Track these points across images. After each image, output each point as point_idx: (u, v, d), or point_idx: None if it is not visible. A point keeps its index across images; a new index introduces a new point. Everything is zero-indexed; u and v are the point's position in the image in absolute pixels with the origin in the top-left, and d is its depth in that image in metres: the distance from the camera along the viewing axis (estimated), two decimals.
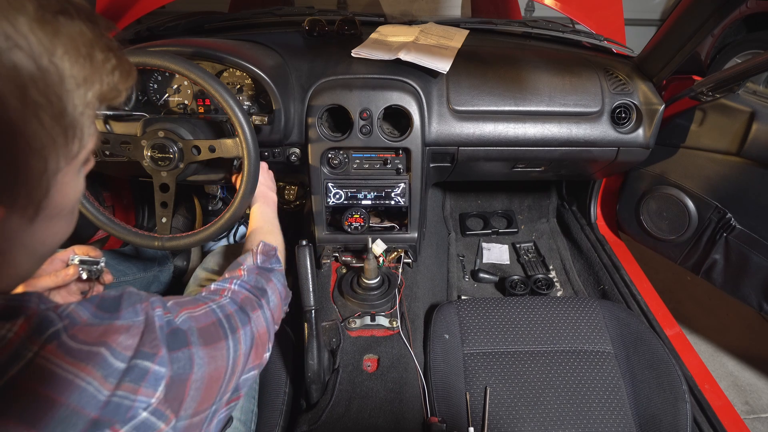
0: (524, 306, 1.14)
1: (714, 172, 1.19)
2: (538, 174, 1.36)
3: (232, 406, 0.57)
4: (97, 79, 0.36)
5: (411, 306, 1.20)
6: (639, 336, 1.08)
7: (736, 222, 1.16)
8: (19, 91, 0.31)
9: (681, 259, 1.33)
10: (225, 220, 0.92)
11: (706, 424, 1.00)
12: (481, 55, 1.21)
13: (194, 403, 0.47)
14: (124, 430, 0.38)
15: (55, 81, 0.33)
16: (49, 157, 0.34)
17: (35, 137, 0.33)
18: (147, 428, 0.40)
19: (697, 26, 1.00)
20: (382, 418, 0.95)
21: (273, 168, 1.22)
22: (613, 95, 1.17)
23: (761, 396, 1.52)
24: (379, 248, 1.11)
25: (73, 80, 0.34)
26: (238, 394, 0.58)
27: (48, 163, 0.35)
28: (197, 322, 0.52)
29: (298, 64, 1.10)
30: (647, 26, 3.45)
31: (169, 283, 1.30)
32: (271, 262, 0.77)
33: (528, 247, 1.64)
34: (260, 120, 1.00)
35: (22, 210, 0.35)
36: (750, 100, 1.09)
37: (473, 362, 1.05)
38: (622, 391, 0.99)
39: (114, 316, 0.43)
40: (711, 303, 1.83)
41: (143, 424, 0.40)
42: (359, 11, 1.38)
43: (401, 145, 1.09)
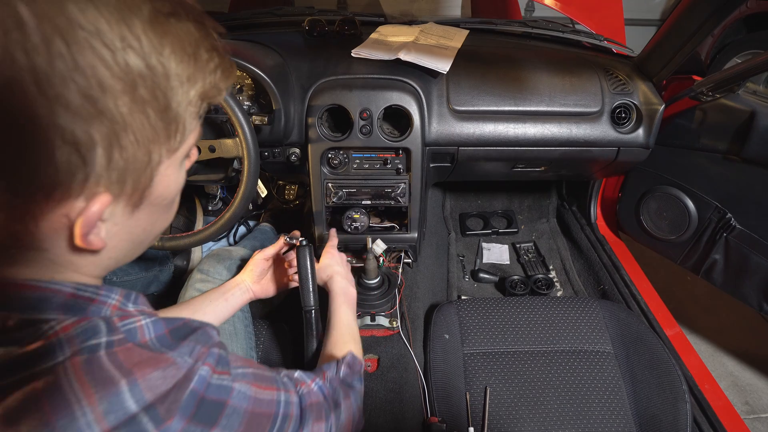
0: (524, 306, 1.14)
1: (714, 172, 1.19)
2: (538, 174, 1.36)
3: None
4: (200, 77, 0.38)
5: (411, 306, 1.20)
6: (639, 336, 1.08)
7: (736, 222, 1.16)
8: (129, 88, 0.33)
9: (681, 259, 1.33)
10: (225, 220, 0.92)
11: (706, 424, 1.00)
12: (481, 55, 1.21)
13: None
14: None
15: (161, 79, 0.35)
16: (153, 150, 0.37)
17: (141, 131, 0.35)
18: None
19: (697, 26, 1.00)
20: (382, 418, 0.95)
21: (273, 168, 1.23)
22: (613, 95, 1.17)
23: (761, 396, 1.52)
24: (379, 248, 1.11)
25: (177, 78, 0.36)
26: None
27: (152, 155, 0.37)
28: (254, 405, 0.46)
29: (298, 64, 1.10)
30: (647, 26, 3.45)
31: (169, 283, 1.30)
32: (354, 379, 0.72)
33: (528, 247, 1.64)
34: (260, 120, 1.00)
35: (127, 198, 0.37)
36: (750, 100, 1.09)
37: (473, 362, 1.05)
38: (622, 391, 0.99)
39: (173, 346, 0.41)
40: (711, 303, 1.83)
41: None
42: (359, 11, 1.38)
43: (401, 145, 1.09)
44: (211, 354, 0.44)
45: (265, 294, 0.95)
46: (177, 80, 0.36)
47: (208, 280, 0.99)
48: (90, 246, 0.36)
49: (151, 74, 0.34)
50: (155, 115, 0.36)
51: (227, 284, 0.93)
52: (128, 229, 0.40)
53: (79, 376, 0.34)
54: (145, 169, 0.37)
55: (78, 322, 0.36)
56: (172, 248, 0.93)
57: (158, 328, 0.42)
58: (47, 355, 0.34)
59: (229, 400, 0.43)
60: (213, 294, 0.90)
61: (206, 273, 1.01)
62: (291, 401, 0.52)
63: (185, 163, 0.45)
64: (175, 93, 0.37)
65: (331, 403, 0.62)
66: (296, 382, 0.58)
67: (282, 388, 0.52)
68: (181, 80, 0.37)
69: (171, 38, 0.35)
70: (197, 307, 0.87)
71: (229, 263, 1.04)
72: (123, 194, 0.37)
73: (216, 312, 0.88)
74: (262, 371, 0.52)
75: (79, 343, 0.35)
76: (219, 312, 0.88)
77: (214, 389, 0.42)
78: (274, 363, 0.99)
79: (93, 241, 0.36)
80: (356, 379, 0.73)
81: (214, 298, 0.89)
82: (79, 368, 0.34)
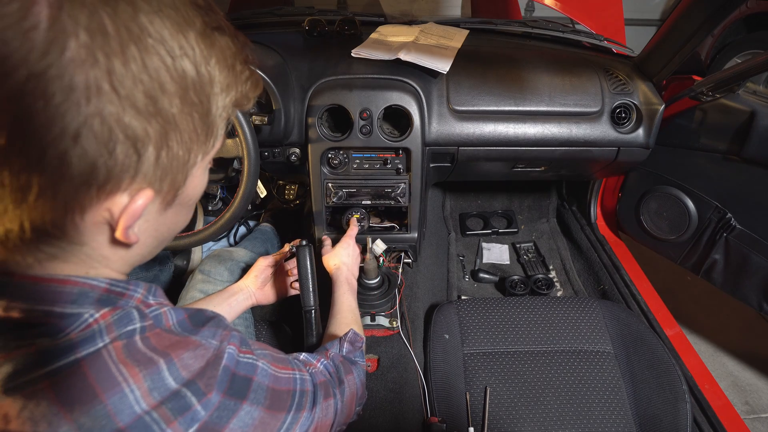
0: (524, 306, 1.14)
1: (714, 172, 1.19)
2: (538, 174, 1.36)
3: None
4: (235, 86, 0.42)
5: (411, 306, 1.20)
6: (639, 336, 1.08)
7: (736, 222, 1.16)
8: (182, 91, 0.36)
9: (681, 259, 1.33)
10: (225, 220, 0.92)
11: (706, 424, 1.00)
12: (481, 55, 1.21)
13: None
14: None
15: (207, 85, 0.38)
16: (192, 151, 0.39)
17: (186, 132, 0.38)
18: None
19: (697, 26, 1.00)
20: (382, 418, 0.95)
21: (273, 168, 1.23)
22: (613, 95, 1.17)
23: (761, 396, 1.52)
24: (379, 248, 1.11)
25: (219, 86, 0.40)
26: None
27: (191, 156, 0.39)
28: (274, 382, 0.50)
29: (298, 64, 1.10)
30: (647, 26, 3.45)
31: (169, 283, 1.30)
32: (356, 354, 0.76)
33: (528, 247, 1.64)
34: (260, 120, 1.00)
35: (164, 196, 0.39)
36: (750, 100, 1.09)
37: (473, 362, 1.05)
38: (622, 391, 0.99)
39: (195, 331, 0.44)
40: (711, 303, 1.83)
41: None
42: (359, 11, 1.38)
43: (401, 145, 1.09)
44: (233, 336, 0.47)
45: (267, 300, 0.98)
46: (219, 87, 0.40)
47: (210, 281, 0.99)
48: (128, 240, 0.38)
49: (200, 80, 0.37)
50: (199, 118, 0.38)
51: (230, 289, 0.93)
52: (156, 225, 0.42)
53: (122, 358, 0.37)
54: (182, 169, 0.39)
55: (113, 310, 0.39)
56: (172, 248, 0.93)
57: (179, 314, 0.45)
58: (90, 341, 0.37)
59: (255, 376, 0.47)
60: (216, 298, 0.90)
61: (207, 274, 1.01)
62: (305, 379, 0.57)
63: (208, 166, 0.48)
64: (216, 99, 0.40)
65: (336, 380, 0.66)
66: (305, 363, 0.62)
67: (296, 368, 0.56)
68: (222, 88, 0.40)
69: (217, 49, 0.39)
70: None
71: (231, 264, 1.05)
72: (161, 192, 0.39)
73: None
74: (277, 353, 0.56)
75: (117, 329, 0.38)
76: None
77: (243, 366, 0.46)
78: None
79: (131, 236, 0.38)
80: (358, 354, 0.77)
81: (217, 303, 0.89)
82: (121, 351, 0.37)
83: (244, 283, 0.94)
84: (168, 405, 0.38)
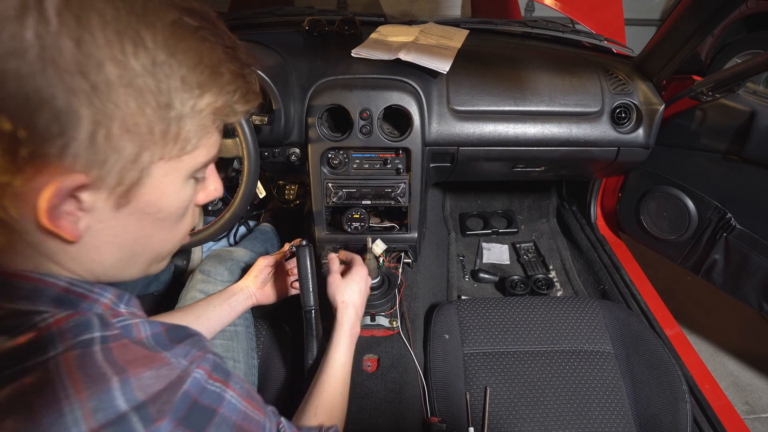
0: (524, 306, 1.14)
1: (714, 172, 1.19)
2: (538, 174, 1.36)
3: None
4: (215, 91, 0.40)
5: (411, 306, 1.20)
6: (639, 336, 1.08)
7: (736, 222, 1.16)
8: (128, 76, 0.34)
9: (681, 259, 1.33)
10: (225, 220, 0.92)
11: (706, 424, 1.00)
12: (481, 55, 1.21)
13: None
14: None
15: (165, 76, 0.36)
16: (145, 147, 0.36)
17: (133, 122, 0.35)
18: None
19: (697, 26, 1.00)
20: (382, 418, 0.95)
21: (273, 168, 1.23)
22: (613, 95, 1.17)
23: (761, 396, 1.52)
24: (379, 248, 1.11)
25: (183, 80, 0.37)
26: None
27: (142, 153, 0.36)
28: (243, 420, 0.44)
29: (298, 64, 1.10)
30: (647, 26, 3.45)
31: (169, 283, 1.30)
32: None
33: (528, 247, 1.64)
34: (260, 120, 1.00)
35: (110, 190, 0.36)
36: (750, 100, 1.09)
37: (473, 362, 1.05)
38: (622, 391, 0.99)
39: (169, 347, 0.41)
40: (711, 303, 1.83)
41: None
42: (359, 11, 1.38)
43: (401, 145, 1.09)
44: (207, 359, 0.43)
45: (267, 300, 0.97)
46: (182, 81, 0.37)
47: (210, 281, 0.99)
48: (58, 229, 0.35)
49: (156, 69, 0.35)
50: (152, 111, 0.36)
51: (230, 289, 0.93)
52: (114, 230, 0.39)
53: (71, 372, 0.33)
54: (132, 164, 0.36)
55: (71, 316, 0.36)
56: None
57: (154, 327, 0.42)
58: (39, 350, 0.34)
59: (220, 408, 0.42)
60: (216, 299, 0.90)
61: (207, 274, 1.01)
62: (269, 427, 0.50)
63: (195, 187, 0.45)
64: (178, 94, 0.37)
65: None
66: (278, 422, 0.54)
67: (268, 417, 0.50)
68: (190, 84, 0.38)
69: (186, 46, 0.37)
70: (200, 311, 0.86)
71: (231, 264, 1.04)
72: (104, 184, 0.36)
73: (220, 317, 0.88)
74: (254, 392, 0.51)
75: (71, 338, 0.35)
76: (222, 317, 0.88)
77: (208, 394, 0.41)
78: (274, 363, 0.99)
79: (64, 226, 0.35)
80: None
81: (217, 303, 0.89)
82: (72, 363, 0.34)
83: (245, 283, 0.94)
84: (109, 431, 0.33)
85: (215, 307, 0.88)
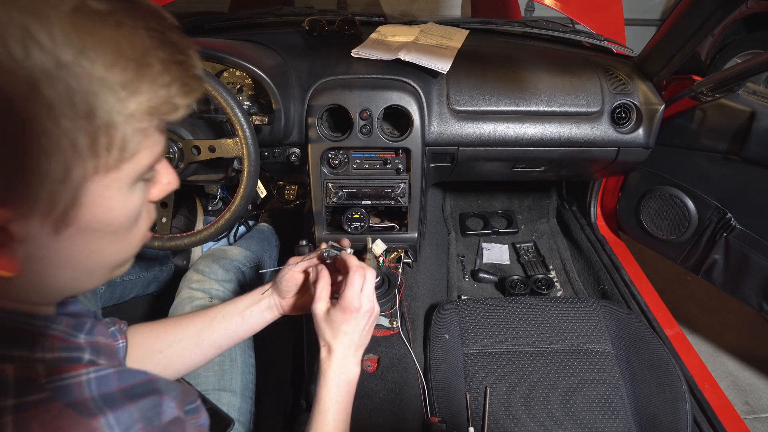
0: (524, 306, 1.14)
1: (714, 172, 1.19)
2: (538, 174, 1.36)
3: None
4: (147, 88, 0.34)
5: (411, 306, 1.20)
6: (639, 336, 1.08)
7: (736, 222, 1.16)
8: (28, 85, 0.29)
9: (681, 259, 1.33)
10: (225, 220, 0.92)
11: (706, 424, 1.00)
12: (481, 55, 1.21)
13: None
14: None
15: (79, 80, 0.30)
16: (73, 164, 0.31)
17: (49, 138, 0.30)
18: None
19: (697, 26, 1.00)
20: (382, 418, 0.95)
21: (273, 168, 1.23)
22: (613, 95, 1.17)
23: (761, 396, 1.52)
24: (379, 248, 1.10)
25: (103, 82, 0.32)
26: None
27: (71, 170, 0.32)
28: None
29: (298, 64, 1.10)
30: (647, 26, 3.45)
31: (169, 283, 1.30)
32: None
33: (528, 247, 1.64)
34: (260, 120, 1.00)
35: (42, 217, 0.32)
36: (750, 100, 1.09)
37: (473, 362, 1.05)
38: (622, 391, 0.99)
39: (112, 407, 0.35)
40: (711, 303, 1.84)
41: None
42: (359, 11, 1.38)
43: (401, 145, 1.09)
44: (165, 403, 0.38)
45: (295, 312, 0.80)
46: (103, 84, 0.31)
47: (204, 279, 0.99)
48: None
49: (63, 73, 0.30)
50: (71, 123, 0.30)
51: (247, 297, 0.78)
52: (59, 254, 0.35)
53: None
54: (62, 184, 0.31)
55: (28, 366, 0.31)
56: (172, 248, 0.93)
57: (106, 385, 0.36)
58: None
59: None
60: (227, 307, 0.77)
61: (202, 273, 1.00)
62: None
63: (144, 188, 0.39)
64: (102, 100, 0.32)
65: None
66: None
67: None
68: (112, 87, 0.32)
69: (99, 38, 0.31)
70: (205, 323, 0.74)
71: (225, 263, 1.04)
72: (33, 212, 0.31)
73: (227, 331, 0.75)
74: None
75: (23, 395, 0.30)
76: (231, 331, 0.75)
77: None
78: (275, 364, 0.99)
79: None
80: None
81: (228, 313, 0.76)
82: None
83: (267, 291, 0.79)
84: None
85: (224, 318, 0.75)
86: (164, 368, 0.71)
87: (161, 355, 0.71)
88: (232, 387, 0.86)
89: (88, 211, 0.34)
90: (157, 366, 0.70)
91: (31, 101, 0.29)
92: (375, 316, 0.68)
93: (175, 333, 0.73)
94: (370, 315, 0.67)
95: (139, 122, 0.34)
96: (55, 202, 0.32)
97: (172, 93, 0.35)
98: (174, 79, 0.35)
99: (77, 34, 0.30)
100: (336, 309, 0.66)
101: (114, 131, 0.33)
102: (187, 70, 0.36)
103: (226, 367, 0.87)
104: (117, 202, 0.36)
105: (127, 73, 0.32)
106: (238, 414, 0.83)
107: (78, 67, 0.30)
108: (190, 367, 0.74)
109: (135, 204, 0.38)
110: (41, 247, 0.34)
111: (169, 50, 0.35)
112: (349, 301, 0.65)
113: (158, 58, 0.34)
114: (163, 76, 0.34)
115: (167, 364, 0.71)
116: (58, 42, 0.29)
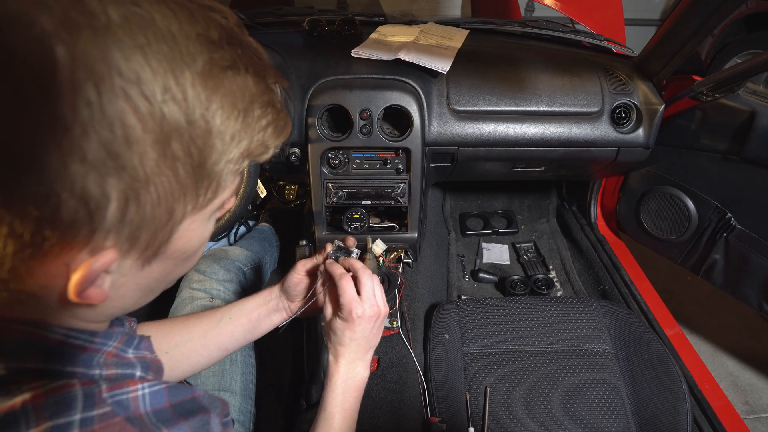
0: (524, 306, 1.14)
1: (714, 172, 1.19)
2: (538, 174, 1.36)
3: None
4: (248, 135, 0.35)
5: (411, 306, 1.20)
6: (639, 336, 1.08)
7: (736, 222, 1.16)
8: (161, 142, 0.30)
9: (681, 259, 1.33)
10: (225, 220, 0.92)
11: (706, 424, 1.00)
12: (481, 55, 1.21)
13: None
14: None
15: (200, 135, 0.32)
16: (176, 207, 0.33)
17: (165, 187, 0.31)
18: None
19: (697, 26, 1.00)
20: (382, 418, 0.95)
21: (273, 168, 1.23)
22: (613, 95, 1.17)
23: (761, 396, 1.52)
24: (379, 248, 1.10)
25: (219, 136, 0.33)
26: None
27: (174, 213, 0.33)
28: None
29: (298, 64, 1.10)
30: (647, 26, 3.45)
31: None
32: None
33: (528, 247, 1.64)
34: None
35: (139, 253, 0.33)
36: (750, 100, 1.09)
37: (473, 362, 1.05)
38: (622, 391, 0.99)
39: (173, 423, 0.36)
40: (711, 303, 1.83)
41: None
42: (359, 11, 1.38)
43: (401, 145, 1.09)
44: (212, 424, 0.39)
45: (306, 313, 0.77)
46: (218, 138, 0.33)
47: (205, 279, 0.99)
48: (88, 300, 0.32)
49: (190, 129, 0.31)
50: (185, 172, 0.32)
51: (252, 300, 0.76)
52: (137, 280, 0.37)
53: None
54: (164, 227, 0.33)
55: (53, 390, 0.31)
56: None
57: (158, 400, 0.36)
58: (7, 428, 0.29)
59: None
60: (234, 309, 0.75)
61: (203, 273, 1.00)
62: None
63: (215, 216, 0.41)
64: (213, 150, 0.33)
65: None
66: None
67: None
68: (224, 138, 0.34)
69: (222, 93, 0.33)
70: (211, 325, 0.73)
71: (226, 263, 1.04)
72: (134, 249, 0.33)
73: (234, 333, 0.73)
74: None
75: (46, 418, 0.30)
76: (237, 333, 0.73)
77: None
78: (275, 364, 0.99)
79: (92, 295, 0.32)
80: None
81: (234, 315, 0.74)
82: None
83: (276, 293, 0.76)
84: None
85: (231, 320, 0.73)
86: (170, 370, 0.68)
87: (167, 356, 0.68)
88: (232, 387, 0.86)
89: (174, 244, 0.36)
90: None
91: (161, 155, 0.30)
92: (382, 318, 0.66)
93: (182, 334, 0.71)
94: (375, 318, 0.64)
95: (235, 164, 0.36)
96: (154, 240, 0.33)
97: (266, 136, 0.37)
98: (269, 123, 0.37)
99: (205, 90, 0.31)
100: (337, 317, 0.65)
101: (215, 175, 0.35)
102: (280, 112, 0.38)
103: (226, 367, 0.87)
104: (198, 233, 0.38)
105: (237, 123, 0.34)
106: (238, 414, 0.83)
107: (203, 122, 0.32)
108: (195, 369, 0.73)
109: (209, 230, 0.40)
110: (125, 276, 0.35)
111: (268, 96, 0.37)
112: (347, 310, 0.63)
113: (260, 103, 0.36)
114: (261, 121, 0.36)
115: (173, 365, 0.69)
116: (190, 99, 0.31)
